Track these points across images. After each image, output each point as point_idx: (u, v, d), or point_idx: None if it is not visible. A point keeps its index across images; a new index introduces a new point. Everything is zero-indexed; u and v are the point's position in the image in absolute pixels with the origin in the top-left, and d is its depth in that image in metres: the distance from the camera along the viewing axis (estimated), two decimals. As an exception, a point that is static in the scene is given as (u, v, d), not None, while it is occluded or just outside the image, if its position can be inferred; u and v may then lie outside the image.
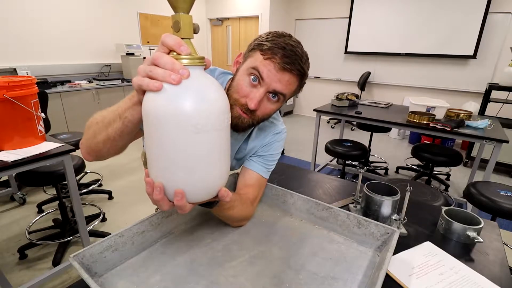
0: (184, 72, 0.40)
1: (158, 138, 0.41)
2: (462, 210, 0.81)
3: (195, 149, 0.41)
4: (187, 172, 0.42)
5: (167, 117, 0.39)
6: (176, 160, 0.41)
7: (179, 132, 0.39)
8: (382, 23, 4.53)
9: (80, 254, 0.54)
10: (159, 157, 0.42)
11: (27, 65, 3.51)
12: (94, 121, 0.57)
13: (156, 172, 0.44)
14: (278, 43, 0.61)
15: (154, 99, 0.40)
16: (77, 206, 1.55)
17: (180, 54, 0.41)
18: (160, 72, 0.40)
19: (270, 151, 0.82)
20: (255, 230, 0.74)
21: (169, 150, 0.41)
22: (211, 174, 0.45)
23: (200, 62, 0.43)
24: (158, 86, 0.39)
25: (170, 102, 0.39)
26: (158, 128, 0.40)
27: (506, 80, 3.14)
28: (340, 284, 0.57)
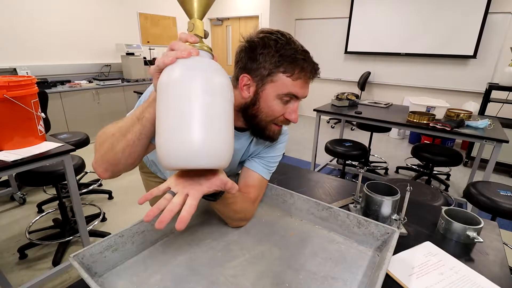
0: (193, 50, 0.46)
1: (171, 100, 0.44)
2: (462, 210, 0.81)
3: (203, 107, 0.44)
4: (196, 130, 0.44)
5: (179, 79, 0.44)
6: (182, 119, 0.44)
7: (190, 90, 0.44)
8: (382, 23, 4.53)
9: (80, 254, 0.54)
10: (167, 120, 0.44)
11: (27, 65, 3.51)
12: (109, 134, 0.56)
13: (163, 137, 0.45)
14: (294, 57, 0.62)
15: (168, 71, 0.46)
16: (77, 206, 1.55)
17: (192, 42, 0.49)
18: (173, 52, 0.46)
19: (272, 152, 0.82)
20: (255, 230, 0.74)
21: (180, 108, 0.44)
22: (215, 136, 0.46)
23: (208, 48, 0.51)
24: (172, 59, 0.45)
25: (182, 68, 0.45)
26: (171, 91, 0.45)
27: (506, 80, 3.14)
28: (340, 284, 0.57)
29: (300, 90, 0.65)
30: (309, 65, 0.64)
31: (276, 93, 0.64)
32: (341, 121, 4.11)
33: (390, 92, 4.85)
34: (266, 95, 0.65)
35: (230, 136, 0.49)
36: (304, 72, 0.63)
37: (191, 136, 0.43)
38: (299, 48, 0.63)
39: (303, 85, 0.65)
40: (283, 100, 0.65)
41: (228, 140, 0.48)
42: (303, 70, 0.63)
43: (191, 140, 0.43)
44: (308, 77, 0.64)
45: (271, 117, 0.67)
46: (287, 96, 0.65)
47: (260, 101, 0.66)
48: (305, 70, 0.63)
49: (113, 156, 0.56)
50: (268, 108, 0.66)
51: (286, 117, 0.67)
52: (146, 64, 4.48)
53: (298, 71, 0.62)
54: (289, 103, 0.67)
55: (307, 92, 0.67)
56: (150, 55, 4.80)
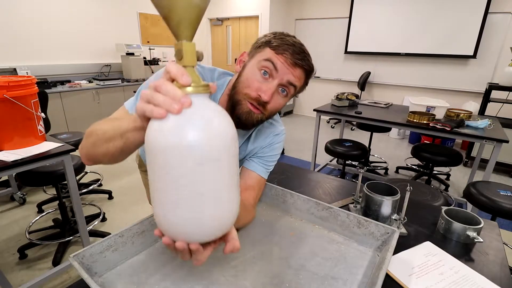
0: (185, 100, 0.38)
1: (163, 172, 0.38)
2: (462, 210, 0.81)
3: (201, 182, 0.39)
4: (193, 209, 0.39)
5: (169, 148, 0.37)
6: (181, 195, 0.39)
7: (183, 164, 0.37)
8: (382, 23, 4.53)
9: (80, 254, 0.54)
10: (163, 192, 0.40)
11: (27, 65, 3.51)
12: (94, 132, 0.55)
13: (160, 208, 0.41)
14: (287, 40, 0.64)
15: (156, 129, 0.38)
16: (77, 206, 1.55)
17: (183, 84, 0.40)
18: (161, 100, 0.38)
19: (270, 152, 0.82)
20: (255, 230, 0.74)
21: (174, 184, 0.38)
22: (221, 209, 0.42)
23: (204, 89, 0.41)
24: (162, 113, 0.37)
25: (172, 132, 0.37)
26: (162, 161, 0.38)
27: (506, 80, 3.14)
28: (340, 284, 0.57)
29: (280, 63, 0.63)
30: (296, 50, 0.63)
31: (257, 61, 0.65)
32: (341, 121, 4.11)
33: (390, 92, 4.85)
34: (250, 64, 0.67)
35: (236, 199, 0.44)
36: (288, 51, 0.63)
37: (190, 217, 0.40)
38: (296, 40, 0.65)
39: (285, 62, 0.63)
40: (261, 72, 0.64)
41: (234, 205, 0.44)
42: (288, 50, 0.63)
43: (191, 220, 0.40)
44: (292, 58, 0.63)
45: (246, 89, 0.64)
46: (266, 64, 0.63)
47: (243, 71, 0.67)
48: (290, 50, 0.63)
49: (94, 154, 0.56)
50: (247, 76, 0.65)
51: (259, 93, 0.63)
52: (146, 64, 4.48)
53: (283, 48, 0.63)
54: (267, 81, 0.64)
55: (290, 75, 0.64)
56: (150, 55, 4.80)
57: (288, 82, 0.65)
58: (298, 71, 0.65)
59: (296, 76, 0.65)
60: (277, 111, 0.71)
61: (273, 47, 0.64)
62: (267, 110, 0.67)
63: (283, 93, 0.67)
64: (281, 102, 0.68)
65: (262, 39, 0.67)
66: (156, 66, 4.71)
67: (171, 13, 0.40)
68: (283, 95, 0.67)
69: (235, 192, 0.44)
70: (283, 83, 0.65)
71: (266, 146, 0.82)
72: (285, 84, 0.65)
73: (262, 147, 0.82)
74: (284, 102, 0.69)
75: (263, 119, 0.69)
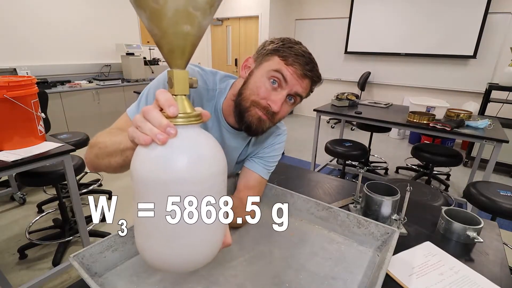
0: (171, 131, 0.36)
1: (143, 200, 0.37)
2: (462, 210, 0.81)
3: (179, 217, 0.37)
4: (172, 244, 0.38)
5: (151, 180, 0.35)
6: (162, 230, 0.37)
7: (159, 196, 0.36)
8: (382, 23, 4.53)
9: (80, 254, 0.54)
10: (144, 224, 0.38)
11: (27, 65, 3.51)
12: (97, 145, 0.56)
13: (141, 239, 0.40)
14: (296, 50, 0.64)
15: (140, 158, 0.37)
16: (77, 206, 1.55)
17: (168, 115, 0.37)
18: (148, 128, 0.36)
19: (271, 152, 0.82)
20: (255, 230, 0.74)
21: (156, 217, 0.37)
22: (197, 246, 0.40)
23: (195, 120, 0.39)
24: (146, 140, 0.36)
25: (155, 164, 0.35)
26: (142, 191, 0.37)
27: (506, 80, 3.14)
28: (340, 284, 0.57)
29: (290, 75, 0.63)
30: (306, 61, 0.64)
31: (266, 70, 0.65)
32: (341, 121, 4.11)
33: (390, 92, 4.85)
34: (257, 72, 0.66)
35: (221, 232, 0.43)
36: (298, 63, 0.63)
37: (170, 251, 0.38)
38: (304, 50, 0.65)
39: (294, 74, 0.64)
40: (270, 81, 0.64)
41: (212, 242, 0.42)
42: (297, 60, 0.63)
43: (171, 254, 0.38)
44: (301, 70, 0.63)
45: (254, 96, 0.65)
46: (276, 75, 0.63)
47: (251, 79, 0.67)
48: (300, 61, 0.63)
49: (97, 165, 0.57)
50: (254, 84, 0.65)
51: (268, 103, 0.64)
52: (146, 64, 4.48)
53: (292, 59, 0.63)
54: (276, 91, 0.65)
55: (298, 87, 0.65)
56: (150, 55, 4.81)
57: (296, 93, 0.66)
58: (306, 82, 0.66)
59: (303, 87, 0.66)
60: (283, 118, 0.72)
61: (282, 57, 0.64)
62: (275, 119, 0.69)
63: (290, 102, 0.68)
64: (288, 110, 0.70)
65: (270, 46, 0.67)
66: (156, 66, 4.71)
67: (163, 41, 0.38)
68: (290, 104, 0.68)
69: (218, 228, 0.42)
70: (291, 94, 0.66)
71: (267, 147, 0.82)
72: (293, 94, 0.66)
73: (263, 147, 0.82)
74: (290, 109, 0.71)
75: (271, 126, 0.70)
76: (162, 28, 0.37)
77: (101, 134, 0.59)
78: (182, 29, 0.37)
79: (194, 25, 0.37)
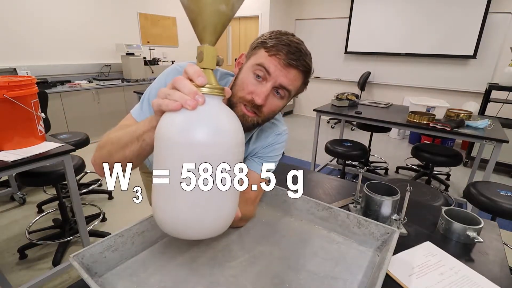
0: (199, 98, 0.40)
1: (167, 163, 0.39)
2: (462, 210, 0.81)
3: (203, 179, 0.39)
4: (191, 206, 0.40)
5: (177, 141, 0.38)
6: (182, 193, 0.40)
7: (186, 158, 0.38)
8: (382, 23, 4.53)
9: (80, 254, 0.54)
10: (164, 187, 0.40)
11: (27, 65, 3.51)
12: (108, 141, 0.56)
13: (157, 199, 0.42)
14: (282, 40, 0.61)
15: (168, 122, 0.40)
16: (77, 206, 1.55)
17: (197, 84, 0.41)
18: (178, 95, 0.40)
19: (271, 152, 0.82)
20: (255, 230, 0.74)
21: (176, 180, 0.39)
22: (218, 211, 0.42)
23: (219, 92, 0.43)
24: (176, 106, 0.39)
25: (182, 126, 0.39)
26: (168, 152, 0.39)
27: (506, 80, 3.14)
28: (340, 284, 0.57)
29: (273, 66, 0.60)
30: (290, 50, 0.60)
31: (251, 64, 0.63)
32: (341, 121, 4.11)
33: (390, 92, 4.85)
34: (245, 67, 0.65)
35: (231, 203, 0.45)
36: (282, 52, 0.60)
37: (187, 212, 0.40)
38: (292, 39, 0.62)
39: (277, 64, 0.61)
40: (255, 75, 0.62)
41: (228, 210, 0.44)
42: (281, 50, 0.60)
43: (187, 216, 0.41)
44: (284, 59, 0.60)
45: (241, 92, 0.63)
46: (259, 68, 0.61)
47: (239, 74, 0.66)
48: (284, 51, 0.60)
49: (110, 162, 0.57)
50: (241, 80, 0.64)
51: (252, 96, 0.62)
52: (146, 64, 4.48)
53: (276, 49, 0.60)
54: (261, 84, 0.62)
55: (282, 78, 0.61)
56: (150, 55, 4.80)
57: (280, 85, 0.62)
58: (292, 73, 0.62)
59: (289, 78, 0.62)
60: (274, 114, 0.69)
61: (267, 48, 0.62)
62: (262, 113, 0.65)
63: (278, 95, 0.65)
64: (278, 104, 0.66)
65: (259, 39, 0.66)
66: (156, 66, 4.71)
67: (199, 18, 0.42)
68: (278, 97, 0.65)
69: (233, 196, 0.44)
70: (276, 86, 0.63)
71: (267, 146, 0.82)
72: (278, 87, 0.63)
73: (263, 146, 0.82)
74: (281, 103, 0.67)
75: (259, 122, 0.67)
76: (200, 6, 0.41)
77: (108, 133, 0.60)
78: (218, 8, 0.41)
79: (228, 5, 0.42)
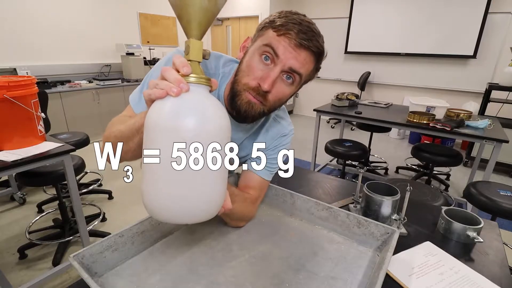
0: (184, 86, 0.41)
1: (154, 146, 0.41)
2: (462, 210, 0.81)
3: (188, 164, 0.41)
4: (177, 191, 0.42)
5: (162, 125, 0.40)
6: (169, 176, 0.41)
7: (170, 143, 0.40)
8: (382, 23, 4.53)
9: (80, 254, 0.54)
10: (152, 169, 0.42)
11: (27, 65, 3.51)
12: (112, 135, 0.57)
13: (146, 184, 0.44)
14: (293, 19, 0.56)
15: (155, 109, 0.42)
16: (77, 206, 1.55)
17: (183, 74, 0.43)
18: (164, 83, 0.42)
19: (275, 154, 0.79)
20: (255, 230, 0.74)
21: (163, 163, 0.41)
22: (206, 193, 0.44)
23: (205, 81, 0.44)
24: (162, 93, 0.41)
25: (168, 112, 0.40)
26: (154, 137, 0.41)
27: (506, 80, 3.14)
28: (340, 284, 0.57)
29: (282, 47, 0.55)
30: (302, 29, 0.55)
31: (257, 46, 0.58)
32: (341, 121, 4.11)
33: (390, 92, 4.85)
34: (251, 50, 0.60)
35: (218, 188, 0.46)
36: (292, 31, 0.55)
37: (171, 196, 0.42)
38: (303, 18, 0.58)
39: (287, 46, 0.55)
40: (262, 57, 0.57)
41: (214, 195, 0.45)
42: (290, 29, 0.55)
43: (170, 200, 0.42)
44: (295, 39, 0.55)
45: (245, 78, 0.58)
46: (266, 50, 0.56)
47: (244, 58, 0.61)
48: (294, 30, 0.55)
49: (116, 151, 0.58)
50: (245, 64, 0.59)
51: (259, 82, 0.57)
52: (146, 64, 4.48)
53: (285, 28, 0.55)
54: (268, 67, 0.57)
55: (293, 61, 0.56)
56: (150, 55, 4.80)
57: (290, 68, 0.56)
58: (303, 54, 0.56)
59: (300, 61, 0.56)
60: (281, 103, 0.63)
61: (275, 28, 0.56)
62: (268, 101, 0.59)
63: (288, 80, 0.59)
64: (286, 91, 0.60)
65: (266, 19, 0.60)
66: (156, 66, 4.71)
67: (183, 13, 0.44)
68: (288, 83, 0.59)
69: (220, 181, 0.46)
70: (285, 70, 0.57)
71: (272, 148, 0.79)
72: (288, 71, 0.57)
73: (267, 149, 0.78)
74: (289, 91, 0.61)
75: (265, 111, 0.61)
76: (183, 2, 0.43)
77: (112, 123, 0.61)
78: (200, 3, 0.43)
79: (211, 0, 0.44)
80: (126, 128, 0.54)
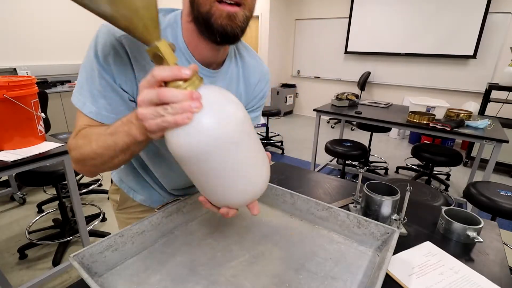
0: (197, 95, 0.37)
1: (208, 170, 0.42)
2: (462, 210, 0.81)
3: (245, 157, 0.44)
4: (246, 181, 0.46)
5: (211, 144, 0.38)
6: (232, 177, 0.44)
7: (224, 153, 0.40)
8: (382, 23, 4.53)
9: (80, 254, 0.54)
10: (217, 185, 0.45)
11: (27, 65, 3.51)
12: (88, 157, 0.52)
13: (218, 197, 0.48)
14: None
15: (182, 135, 0.37)
16: (77, 206, 1.55)
17: (186, 79, 0.37)
18: (179, 107, 0.36)
19: (263, 98, 0.82)
20: (255, 230, 0.74)
21: (225, 173, 0.43)
22: (262, 172, 0.49)
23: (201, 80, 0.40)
24: (188, 117, 0.36)
25: (206, 130, 0.37)
26: (206, 159, 0.40)
27: (506, 80, 3.14)
28: (340, 284, 0.57)
29: None
30: None
31: None
32: (341, 121, 4.11)
33: (390, 92, 4.85)
34: None
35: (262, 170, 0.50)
36: None
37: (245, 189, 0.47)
38: None
39: None
40: None
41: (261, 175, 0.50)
42: None
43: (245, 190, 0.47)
44: None
45: None
46: None
47: None
48: None
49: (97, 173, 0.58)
50: None
51: None
52: (146, 64, 4.48)
53: None
54: None
55: None
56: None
57: None
58: None
59: None
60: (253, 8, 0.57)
61: None
62: (248, 4, 0.53)
63: None
64: None
65: None
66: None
67: (137, 19, 0.38)
68: None
69: (263, 161, 0.50)
70: None
71: (262, 97, 0.81)
72: None
73: (258, 97, 0.80)
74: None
75: (248, 15, 0.54)
76: (133, 6, 0.38)
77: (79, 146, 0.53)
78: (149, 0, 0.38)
79: None
80: (105, 149, 0.49)
